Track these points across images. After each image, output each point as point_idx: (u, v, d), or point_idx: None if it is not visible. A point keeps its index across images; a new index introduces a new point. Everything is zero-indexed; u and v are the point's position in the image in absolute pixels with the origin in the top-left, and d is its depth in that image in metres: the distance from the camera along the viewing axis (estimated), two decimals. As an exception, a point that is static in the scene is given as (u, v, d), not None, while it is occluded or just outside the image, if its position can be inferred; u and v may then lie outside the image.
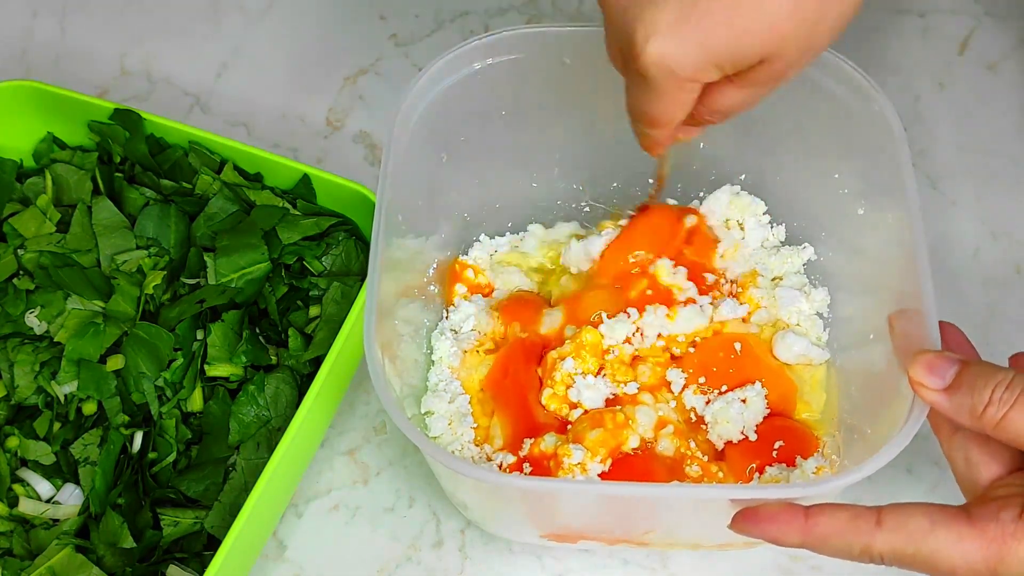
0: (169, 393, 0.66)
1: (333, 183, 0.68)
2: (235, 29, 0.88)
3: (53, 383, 0.66)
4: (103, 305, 0.68)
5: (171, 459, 0.65)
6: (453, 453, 0.61)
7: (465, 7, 0.88)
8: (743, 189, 0.68)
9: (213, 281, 0.68)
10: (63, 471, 0.65)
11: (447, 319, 0.67)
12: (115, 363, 0.66)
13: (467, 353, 0.66)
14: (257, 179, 0.72)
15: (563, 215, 0.71)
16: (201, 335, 0.67)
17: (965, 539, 0.45)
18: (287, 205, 0.70)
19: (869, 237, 0.62)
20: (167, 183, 0.72)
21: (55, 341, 0.67)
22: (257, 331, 0.68)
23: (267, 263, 0.68)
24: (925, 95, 0.82)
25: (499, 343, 0.66)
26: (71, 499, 0.65)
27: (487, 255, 0.70)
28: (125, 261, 0.69)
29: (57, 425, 0.66)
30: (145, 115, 0.71)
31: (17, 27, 0.89)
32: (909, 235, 0.55)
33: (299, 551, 0.67)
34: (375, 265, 0.55)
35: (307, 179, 0.70)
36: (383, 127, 0.82)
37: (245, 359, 0.66)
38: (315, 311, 0.68)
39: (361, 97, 0.84)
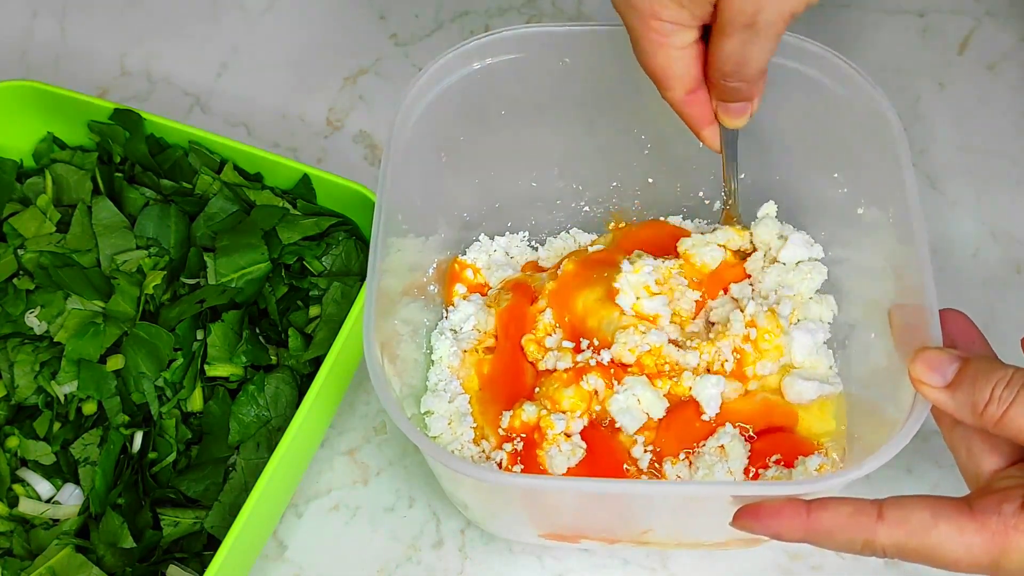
0: (169, 393, 0.66)
1: (333, 183, 0.68)
2: (235, 29, 0.88)
3: (53, 383, 0.66)
4: (103, 305, 0.68)
5: (171, 459, 0.65)
6: (453, 453, 0.61)
7: (465, 7, 0.88)
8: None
9: (213, 281, 0.68)
10: (63, 471, 0.65)
11: (447, 319, 0.67)
12: (115, 363, 0.66)
13: (467, 353, 0.66)
14: (257, 179, 0.72)
15: (563, 215, 0.71)
16: (201, 335, 0.67)
17: (967, 532, 0.45)
18: (287, 205, 0.70)
19: (869, 237, 0.62)
20: (167, 183, 0.72)
21: (55, 341, 0.67)
22: (257, 331, 0.68)
23: (267, 263, 0.68)
24: (925, 95, 0.82)
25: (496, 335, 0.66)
26: (71, 499, 0.65)
27: (486, 255, 0.70)
28: (125, 261, 0.69)
29: (57, 425, 0.66)
30: (145, 115, 0.71)
31: (17, 27, 0.89)
32: (909, 234, 0.55)
33: (299, 551, 0.67)
34: (375, 265, 0.55)
35: (307, 179, 0.70)
36: (383, 127, 0.82)
37: (245, 359, 0.66)
38: (315, 311, 0.68)
39: (361, 97, 0.84)
